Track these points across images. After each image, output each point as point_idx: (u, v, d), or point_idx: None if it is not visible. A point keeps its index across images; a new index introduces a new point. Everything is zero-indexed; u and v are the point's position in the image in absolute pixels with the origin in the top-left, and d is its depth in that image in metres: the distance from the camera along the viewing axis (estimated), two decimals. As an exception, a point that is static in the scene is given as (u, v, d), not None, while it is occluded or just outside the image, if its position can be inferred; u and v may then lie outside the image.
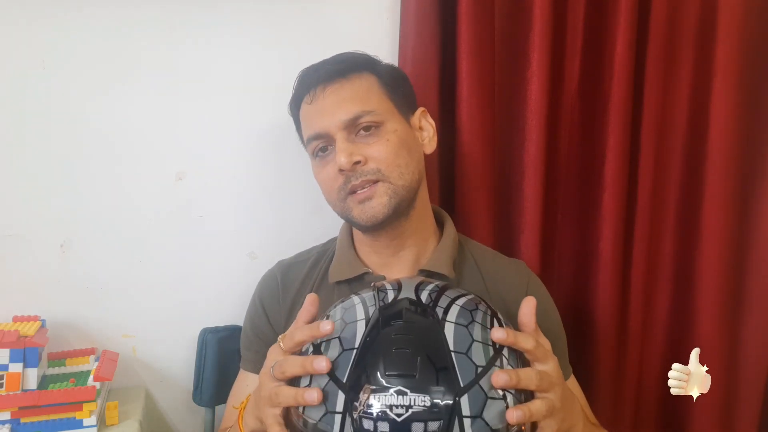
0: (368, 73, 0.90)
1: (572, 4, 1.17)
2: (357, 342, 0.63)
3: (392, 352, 0.61)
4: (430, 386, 0.59)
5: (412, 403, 0.58)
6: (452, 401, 0.58)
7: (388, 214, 0.85)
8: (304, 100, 0.91)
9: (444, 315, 0.64)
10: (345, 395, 0.60)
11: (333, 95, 0.87)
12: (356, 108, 0.85)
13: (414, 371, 0.59)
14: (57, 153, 1.06)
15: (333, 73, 0.88)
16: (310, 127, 0.89)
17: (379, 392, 0.58)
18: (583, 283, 1.22)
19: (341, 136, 0.85)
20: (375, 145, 0.85)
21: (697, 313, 1.21)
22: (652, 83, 1.15)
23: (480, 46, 1.08)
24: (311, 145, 0.90)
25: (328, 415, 0.61)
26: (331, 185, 0.88)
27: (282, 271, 0.98)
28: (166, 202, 1.11)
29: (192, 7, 1.08)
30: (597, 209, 1.17)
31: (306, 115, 0.91)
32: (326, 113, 0.86)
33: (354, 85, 0.88)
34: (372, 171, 0.84)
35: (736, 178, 1.19)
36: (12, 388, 0.91)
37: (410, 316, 0.65)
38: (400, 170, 0.86)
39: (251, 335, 0.97)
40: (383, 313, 0.65)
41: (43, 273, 1.07)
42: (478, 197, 1.12)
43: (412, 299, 0.67)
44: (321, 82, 0.88)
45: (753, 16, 1.16)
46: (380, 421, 0.58)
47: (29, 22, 1.02)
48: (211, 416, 1.11)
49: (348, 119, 0.85)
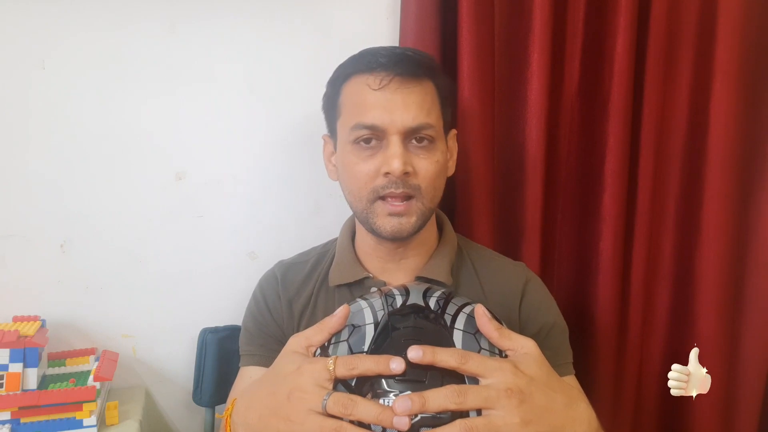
0: (433, 84, 0.87)
1: (572, 4, 1.17)
2: (366, 346, 0.63)
3: (402, 357, 0.61)
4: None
5: None
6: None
7: (412, 233, 0.85)
8: (364, 80, 0.84)
9: (452, 322, 0.65)
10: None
11: (403, 94, 0.82)
12: (422, 118, 0.82)
13: (423, 377, 0.59)
14: (57, 153, 1.05)
15: (410, 71, 0.83)
16: (366, 115, 0.82)
17: (387, 397, 0.58)
18: (583, 283, 1.22)
19: (397, 139, 0.81)
20: (425, 161, 0.83)
21: (697, 313, 1.21)
22: (652, 83, 1.15)
23: (480, 46, 1.08)
24: (357, 133, 0.83)
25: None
26: (365, 182, 0.83)
27: (282, 271, 0.97)
28: (166, 202, 1.11)
29: (192, 8, 1.08)
30: (597, 209, 1.17)
31: (363, 98, 0.84)
32: (392, 110, 0.82)
33: (424, 92, 0.84)
34: (414, 186, 0.82)
35: (736, 178, 1.19)
36: (12, 388, 0.91)
37: (419, 321, 0.65)
38: (433, 193, 0.85)
39: (253, 330, 0.96)
40: (392, 317, 0.65)
41: (43, 273, 1.07)
42: (478, 197, 1.12)
43: (421, 305, 0.67)
44: (396, 75, 0.82)
45: (753, 16, 1.16)
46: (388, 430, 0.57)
47: (29, 22, 1.02)
48: (211, 416, 1.11)
49: (413, 126, 0.82)
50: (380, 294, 0.70)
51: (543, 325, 0.92)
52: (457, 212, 1.13)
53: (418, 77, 0.84)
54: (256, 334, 0.95)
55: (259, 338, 0.94)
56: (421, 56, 0.87)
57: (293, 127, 1.14)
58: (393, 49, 0.87)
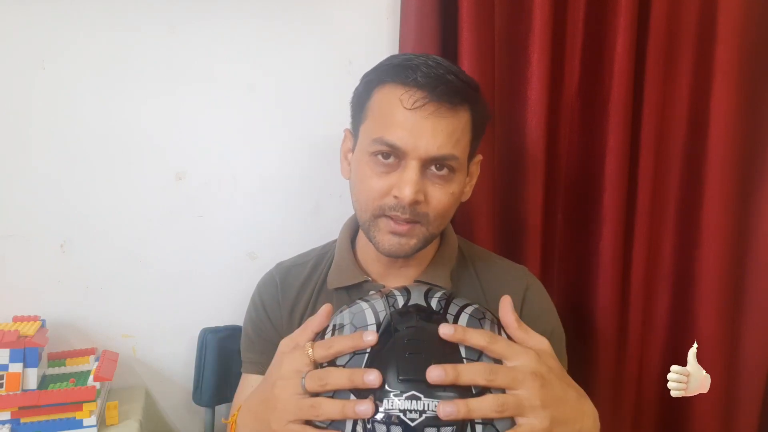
0: (469, 111, 0.83)
1: (572, 4, 1.16)
2: (368, 345, 0.63)
3: (405, 357, 0.61)
4: (443, 392, 0.59)
5: (425, 408, 0.57)
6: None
7: (410, 254, 0.84)
8: (398, 93, 0.79)
9: (454, 322, 0.64)
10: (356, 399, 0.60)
11: (434, 121, 0.78)
12: (448, 149, 0.79)
13: (424, 376, 0.59)
14: (57, 153, 1.06)
15: (448, 97, 0.78)
16: (391, 131, 0.79)
17: (391, 397, 0.58)
18: (583, 283, 1.22)
19: (416, 165, 0.78)
20: (439, 191, 0.81)
21: (697, 313, 1.21)
22: (652, 83, 1.15)
23: (480, 46, 1.08)
24: (377, 147, 0.80)
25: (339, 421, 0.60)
26: (374, 198, 0.81)
27: (281, 274, 0.97)
28: (166, 202, 1.11)
29: (192, 8, 1.08)
30: (597, 209, 1.17)
31: (391, 112, 0.80)
32: (419, 134, 0.78)
33: (457, 122, 0.80)
34: (422, 214, 0.81)
35: (736, 178, 1.19)
36: (12, 388, 0.91)
37: (422, 322, 0.65)
38: (442, 221, 0.84)
39: (253, 336, 0.96)
40: (394, 318, 0.65)
41: (43, 273, 1.07)
42: (478, 198, 1.12)
43: (423, 306, 0.67)
44: (432, 97, 0.78)
45: (753, 16, 1.16)
46: (393, 426, 0.57)
47: (29, 22, 1.02)
48: (211, 416, 1.11)
49: (436, 156, 0.79)
50: (381, 295, 0.70)
51: (542, 332, 0.93)
52: (458, 213, 1.12)
53: (454, 105, 0.79)
54: (256, 340, 0.95)
55: (259, 345, 0.95)
56: (462, 82, 0.81)
57: (293, 127, 1.15)
58: (437, 68, 0.80)
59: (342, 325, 0.67)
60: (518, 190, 1.16)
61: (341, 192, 1.13)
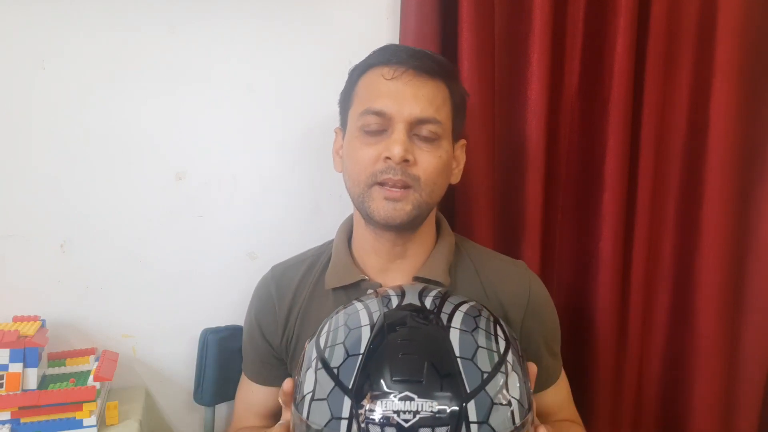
0: (447, 87, 0.88)
1: (572, 4, 1.17)
2: (362, 348, 0.63)
3: (398, 358, 0.61)
4: (437, 392, 0.58)
5: (419, 409, 0.57)
6: (459, 407, 0.58)
7: (405, 222, 0.85)
8: (380, 71, 0.86)
9: (448, 321, 0.65)
10: (351, 400, 0.60)
11: (415, 86, 0.84)
12: (431, 111, 0.84)
13: (421, 377, 0.59)
14: (57, 153, 1.05)
15: (425, 67, 0.85)
16: (376, 101, 0.84)
17: (385, 398, 0.58)
18: (583, 283, 1.22)
19: (403, 128, 0.83)
20: (427, 154, 0.84)
21: (697, 313, 1.21)
22: (652, 83, 1.15)
23: (480, 46, 1.08)
24: (366, 119, 0.85)
25: (333, 421, 0.60)
26: (366, 166, 0.84)
27: (276, 280, 0.97)
28: (166, 202, 1.11)
29: (192, 8, 1.08)
30: (597, 209, 1.17)
31: (376, 86, 0.86)
32: (401, 99, 0.83)
33: (436, 90, 0.86)
34: (413, 176, 0.83)
35: (736, 178, 1.19)
36: (12, 388, 0.91)
37: (415, 322, 0.65)
38: (433, 188, 0.86)
39: (249, 347, 0.99)
40: (388, 319, 0.65)
41: (43, 273, 1.07)
42: (478, 197, 1.12)
43: (417, 305, 0.67)
44: (411, 68, 0.84)
45: (753, 16, 1.16)
46: (387, 427, 0.57)
47: (29, 22, 1.02)
48: (211, 416, 1.11)
49: (420, 117, 0.83)
50: (376, 296, 0.70)
51: (549, 331, 0.95)
52: (457, 212, 1.13)
53: (432, 75, 0.85)
54: (249, 351, 0.98)
55: (251, 354, 0.98)
56: (440, 58, 0.89)
57: (293, 127, 1.15)
58: (413, 49, 0.89)
59: (337, 327, 0.67)
60: (518, 189, 1.16)
61: (341, 192, 1.13)
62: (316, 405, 0.62)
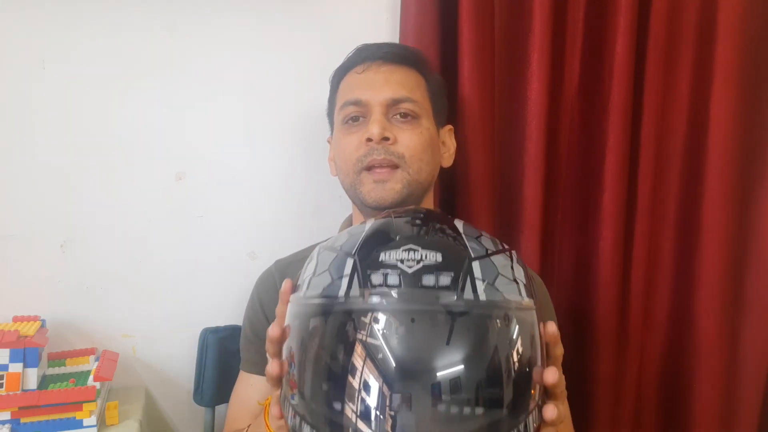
0: (419, 73, 0.93)
1: (572, 4, 1.17)
2: (366, 227, 0.61)
3: (402, 224, 0.60)
4: (442, 246, 0.56)
5: (423, 258, 0.55)
6: (465, 261, 0.56)
7: (397, 201, 0.86)
8: (354, 69, 0.93)
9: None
10: (353, 259, 0.57)
11: (385, 73, 0.90)
12: (404, 91, 0.88)
13: (425, 234, 0.58)
14: (57, 153, 1.06)
15: (392, 56, 0.91)
16: (352, 93, 0.90)
17: (388, 250, 0.56)
18: (583, 283, 1.22)
19: (379, 110, 0.87)
20: (408, 132, 0.88)
21: (697, 313, 1.21)
22: (652, 83, 1.15)
23: (480, 46, 1.08)
24: (345, 111, 0.90)
25: (334, 281, 0.56)
26: (351, 153, 0.88)
27: (280, 271, 0.97)
28: (166, 202, 1.11)
29: (192, 8, 1.08)
30: (597, 209, 1.17)
31: (351, 82, 0.93)
32: (374, 86, 0.89)
33: (407, 74, 0.91)
34: (396, 154, 0.86)
35: (736, 178, 1.19)
36: (12, 388, 0.91)
37: (420, 211, 0.64)
38: (420, 165, 0.87)
39: (251, 336, 0.96)
40: (394, 213, 0.64)
41: (43, 273, 1.07)
42: (478, 197, 1.12)
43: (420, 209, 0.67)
44: (378, 58, 0.91)
45: (753, 16, 1.16)
46: (390, 276, 0.54)
47: (29, 22, 1.02)
48: (211, 416, 1.11)
49: (393, 98, 0.88)
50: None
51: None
52: (458, 211, 1.13)
53: (401, 62, 0.91)
54: (253, 340, 0.95)
55: (257, 344, 0.94)
56: (409, 48, 0.95)
57: (293, 127, 1.15)
58: (386, 43, 0.95)
59: (339, 236, 0.64)
60: (518, 189, 1.16)
61: (341, 192, 1.13)
62: (317, 279, 0.59)
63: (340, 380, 0.53)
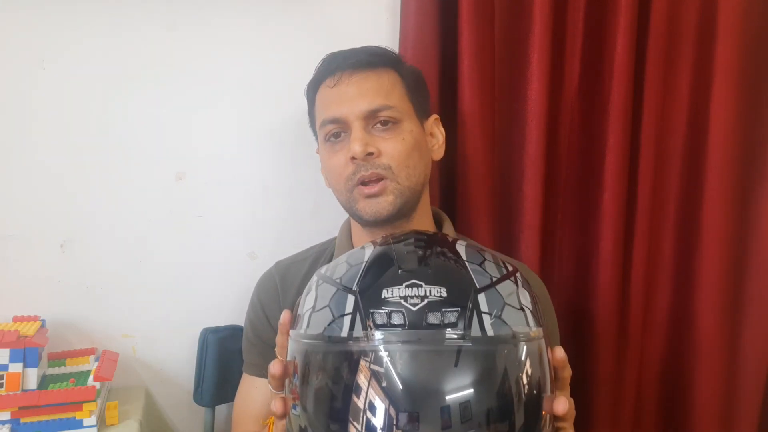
0: (393, 71, 0.90)
1: (572, 4, 1.16)
2: (366, 256, 0.60)
3: (405, 254, 0.58)
4: (446, 279, 0.55)
5: (427, 294, 0.54)
6: (470, 294, 0.55)
7: (393, 213, 0.85)
8: (325, 83, 0.90)
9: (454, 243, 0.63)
10: (354, 296, 0.56)
11: (357, 84, 0.87)
12: (379, 100, 0.86)
13: (428, 267, 0.56)
14: (57, 153, 1.06)
15: (361, 63, 0.88)
16: (328, 110, 0.88)
17: (391, 286, 0.54)
18: (583, 283, 1.22)
19: (358, 125, 0.85)
20: (390, 141, 0.86)
21: (697, 313, 1.21)
22: (652, 83, 1.15)
23: (480, 45, 1.08)
24: (325, 129, 0.89)
25: (336, 320, 0.55)
26: (340, 173, 0.87)
27: (280, 273, 0.97)
28: (166, 202, 1.11)
29: (192, 8, 1.08)
30: (597, 209, 1.17)
31: (325, 98, 0.90)
32: (348, 100, 0.86)
33: (380, 78, 0.88)
34: (383, 166, 0.85)
35: (736, 178, 1.19)
36: (12, 388, 0.91)
37: (420, 237, 0.63)
38: (408, 171, 0.86)
39: (253, 338, 0.96)
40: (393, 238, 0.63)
41: (43, 273, 1.07)
42: (478, 197, 1.12)
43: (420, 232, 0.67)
44: (347, 68, 0.88)
45: (753, 16, 1.16)
46: (394, 314, 0.53)
47: (29, 22, 1.02)
48: (211, 416, 1.11)
49: (369, 110, 0.85)
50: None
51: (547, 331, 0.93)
52: (457, 212, 1.13)
53: (371, 66, 0.88)
54: (256, 343, 0.96)
55: (258, 347, 0.95)
56: (375, 49, 0.92)
57: (293, 128, 1.14)
58: (351, 50, 0.92)
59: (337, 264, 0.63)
60: (518, 189, 1.16)
61: (341, 192, 1.14)
62: (317, 315, 0.57)
63: (344, 422, 0.53)
